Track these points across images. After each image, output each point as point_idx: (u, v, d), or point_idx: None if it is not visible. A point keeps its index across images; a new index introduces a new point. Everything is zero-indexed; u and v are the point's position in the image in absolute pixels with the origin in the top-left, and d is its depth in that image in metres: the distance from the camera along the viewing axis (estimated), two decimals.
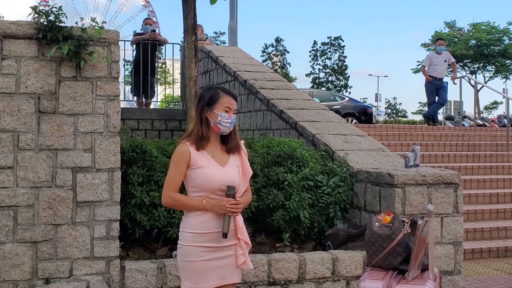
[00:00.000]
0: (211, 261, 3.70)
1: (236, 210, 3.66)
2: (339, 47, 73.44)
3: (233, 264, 3.79)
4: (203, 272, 3.69)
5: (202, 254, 3.69)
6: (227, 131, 3.81)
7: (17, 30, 5.13)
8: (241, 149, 3.92)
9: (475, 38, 45.84)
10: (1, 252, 5.03)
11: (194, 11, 7.65)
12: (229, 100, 3.83)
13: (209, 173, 3.71)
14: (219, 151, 3.84)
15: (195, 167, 3.73)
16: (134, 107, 13.44)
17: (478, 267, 7.53)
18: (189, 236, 3.72)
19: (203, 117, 3.81)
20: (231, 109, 3.82)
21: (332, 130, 7.93)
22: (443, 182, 6.03)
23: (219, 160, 3.79)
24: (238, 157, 3.89)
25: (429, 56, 15.46)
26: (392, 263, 3.80)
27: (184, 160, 3.74)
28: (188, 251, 3.72)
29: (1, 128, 5.04)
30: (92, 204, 5.26)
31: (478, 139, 13.07)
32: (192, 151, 3.75)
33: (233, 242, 3.78)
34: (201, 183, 3.72)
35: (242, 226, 3.81)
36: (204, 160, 3.74)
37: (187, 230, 3.75)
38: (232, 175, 3.76)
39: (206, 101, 3.82)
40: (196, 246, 3.70)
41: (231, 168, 3.80)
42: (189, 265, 3.72)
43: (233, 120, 3.81)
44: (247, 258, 3.83)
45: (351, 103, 22.24)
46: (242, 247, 3.80)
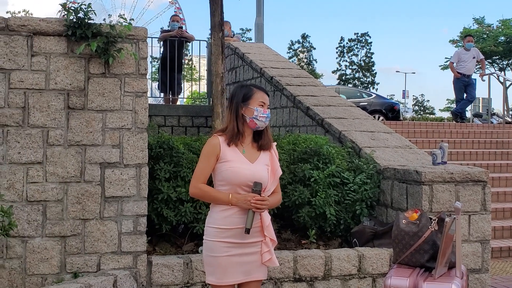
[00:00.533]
0: (235, 257, 3.71)
1: (261, 206, 3.66)
2: (366, 43, 72.94)
3: (258, 261, 3.79)
4: (227, 268, 3.70)
5: (226, 249, 3.70)
6: (263, 125, 3.82)
7: (47, 27, 5.20)
8: (272, 147, 3.91)
9: (504, 35, 45.29)
10: (30, 246, 5.11)
11: (221, 8, 7.67)
12: (262, 95, 3.85)
13: (237, 168, 3.72)
14: (250, 148, 3.85)
15: (223, 160, 3.75)
16: (160, 103, 13.52)
17: (506, 265, 7.44)
18: (213, 231, 3.75)
19: (239, 114, 3.82)
20: (265, 104, 3.83)
21: (359, 127, 7.90)
22: (471, 180, 5.98)
23: (249, 156, 3.81)
24: (268, 155, 3.89)
25: (457, 53, 15.29)
26: (419, 260, 3.78)
27: (214, 153, 3.77)
28: (212, 246, 3.74)
29: (31, 124, 5.11)
30: (120, 199, 5.32)
31: (506, 137, 12.90)
32: (223, 145, 3.77)
33: (258, 239, 3.78)
34: (228, 177, 3.73)
35: (268, 224, 3.80)
36: (233, 154, 3.76)
37: (211, 225, 3.78)
38: (260, 172, 3.76)
39: (241, 98, 3.84)
40: (220, 241, 3.72)
41: (260, 166, 3.80)
42: (213, 260, 3.74)
43: (268, 115, 3.82)
44: (273, 255, 3.82)
45: (378, 99, 22.08)
46: (268, 244, 3.79)
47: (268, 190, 3.82)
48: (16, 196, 5.07)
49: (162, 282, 5.32)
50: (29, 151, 5.09)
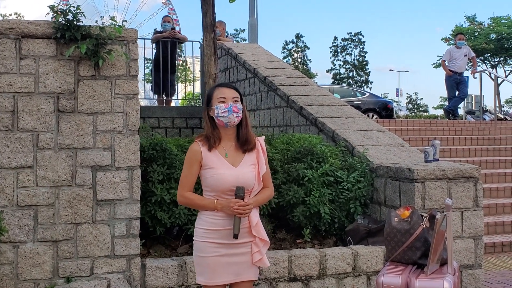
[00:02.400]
0: (224, 257, 3.72)
1: (243, 211, 3.64)
2: (359, 42, 73.10)
3: (249, 261, 3.78)
4: (216, 268, 3.71)
5: (214, 249, 3.71)
6: (229, 121, 3.73)
7: (36, 30, 5.17)
8: (257, 145, 3.86)
9: (496, 32, 45.46)
10: (22, 252, 5.08)
11: (213, 8, 7.67)
12: (221, 90, 3.79)
13: (220, 174, 3.70)
14: (233, 150, 3.81)
15: (206, 167, 3.75)
16: (155, 105, 13.50)
17: (499, 261, 7.46)
18: (202, 232, 3.76)
19: (207, 117, 3.82)
20: (227, 98, 3.74)
21: (352, 126, 7.90)
22: (463, 176, 5.98)
23: (232, 160, 3.77)
24: (255, 154, 3.84)
25: (449, 51, 15.35)
26: (411, 258, 3.78)
27: (196, 159, 3.77)
28: (201, 246, 3.76)
29: (21, 128, 5.09)
30: (112, 203, 5.30)
31: (498, 133, 12.93)
32: (204, 151, 3.76)
33: (248, 239, 3.77)
34: (212, 183, 3.73)
35: (257, 223, 3.78)
36: (215, 160, 3.74)
37: (200, 226, 3.79)
38: (244, 175, 3.73)
39: (206, 100, 3.86)
40: (208, 242, 3.73)
41: (244, 168, 3.76)
42: (202, 260, 3.75)
43: (229, 108, 3.71)
44: (264, 255, 3.81)
45: (371, 98, 22.14)
46: (258, 244, 3.78)
47: (255, 190, 3.81)
48: (6, 201, 5.04)
49: (156, 285, 5.30)
50: (19, 155, 5.07)
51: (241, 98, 3.83)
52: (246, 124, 3.83)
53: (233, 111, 3.72)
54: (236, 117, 3.73)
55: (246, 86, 10.97)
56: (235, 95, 3.79)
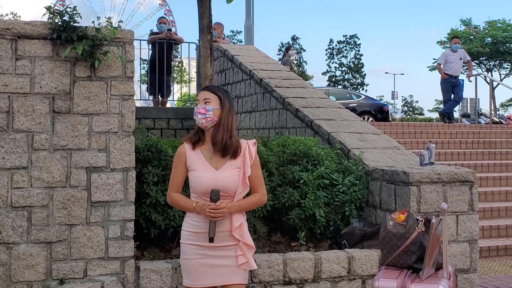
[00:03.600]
0: (207, 259, 3.74)
1: (214, 215, 3.63)
2: (355, 45, 73.29)
3: (234, 265, 3.78)
4: (199, 270, 3.74)
5: (196, 252, 3.75)
6: (198, 123, 3.78)
7: (32, 30, 5.15)
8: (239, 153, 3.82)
9: (491, 36, 45.62)
10: (15, 253, 5.05)
11: (209, 10, 7.67)
12: (199, 93, 3.89)
13: (200, 177, 3.74)
14: (217, 154, 3.82)
15: (190, 169, 3.81)
16: (151, 106, 13.49)
17: (495, 265, 7.47)
18: (185, 233, 3.82)
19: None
20: (199, 100, 3.82)
21: (348, 129, 7.90)
22: (458, 180, 5.99)
23: (216, 163, 3.78)
24: (241, 158, 3.82)
25: (444, 54, 15.38)
26: (406, 262, 3.78)
27: (181, 161, 3.83)
28: (184, 248, 3.81)
29: (16, 129, 5.06)
30: (107, 204, 5.28)
31: (494, 137, 12.97)
32: (188, 152, 3.81)
33: (231, 242, 3.78)
34: (193, 185, 3.79)
35: (238, 227, 3.77)
36: (198, 162, 3.78)
37: (184, 228, 3.85)
38: (224, 179, 3.73)
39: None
40: (190, 244, 3.78)
41: (227, 172, 3.76)
42: (186, 262, 3.80)
43: (199, 110, 3.76)
44: (250, 259, 3.81)
45: (367, 101, 22.19)
46: (242, 248, 3.78)
47: (239, 194, 3.79)
48: (0, 202, 5.01)
49: (150, 287, 5.27)
50: (13, 156, 5.04)
51: (222, 101, 3.82)
52: (220, 126, 3.79)
53: (198, 112, 3.77)
54: (203, 118, 3.76)
55: (242, 88, 10.97)
56: (205, 96, 3.81)
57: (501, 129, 14.36)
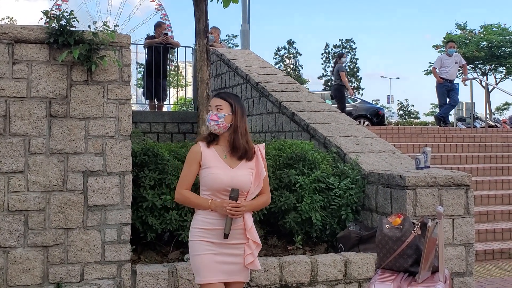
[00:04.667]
0: (217, 256, 3.80)
1: (236, 213, 3.75)
2: (350, 49, 73.47)
3: (241, 263, 3.87)
4: (210, 265, 3.78)
5: (207, 248, 3.80)
6: (211, 129, 3.91)
7: (28, 35, 5.16)
8: (254, 155, 3.97)
9: (486, 40, 45.71)
10: (12, 257, 5.05)
11: (205, 14, 7.68)
12: (211, 100, 4.00)
13: (216, 174, 3.82)
14: (230, 155, 3.93)
15: (205, 166, 3.87)
16: (147, 110, 13.50)
17: (490, 268, 7.48)
18: (196, 231, 3.85)
19: None
20: (211, 107, 3.93)
21: (344, 132, 7.91)
22: (454, 184, 6.01)
23: (230, 161, 3.89)
24: (253, 160, 3.96)
25: (440, 58, 15.42)
26: (402, 265, 3.79)
27: (196, 159, 3.90)
28: (195, 245, 3.85)
29: (12, 132, 5.07)
30: (103, 208, 5.28)
31: (489, 140, 13.00)
32: (204, 151, 3.90)
33: (241, 241, 3.87)
34: (208, 182, 3.85)
35: (251, 226, 3.89)
36: (214, 160, 3.86)
37: (194, 226, 3.89)
38: (239, 177, 3.84)
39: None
40: (202, 240, 3.82)
41: (241, 170, 3.88)
42: (197, 259, 3.84)
43: (208, 117, 3.90)
44: (255, 258, 3.90)
45: (363, 105, 22.22)
46: (251, 246, 3.87)
47: (251, 194, 3.91)
48: None
49: None
50: (10, 160, 5.04)
51: (233, 107, 3.93)
52: (237, 132, 3.92)
53: (210, 119, 3.89)
54: (215, 124, 3.89)
55: (239, 91, 10.98)
56: (217, 103, 3.94)
57: (497, 132, 14.40)
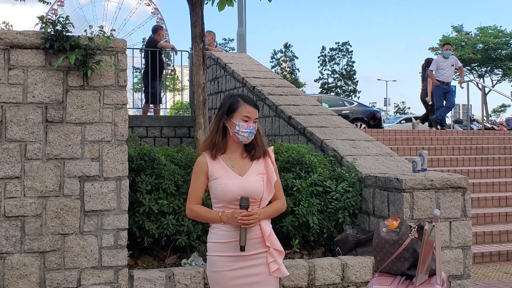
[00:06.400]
0: (238, 270, 3.62)
1: (248, 222, 3.54)
2: (347, 52, 73.49)
3: (265, 273, 3.67)
4: (229, 283, 3.61)
5: (227, 264, 3.62)
6: (246, 140, 3.71)
7: (24, 40, 5.15)
8: (266, 155, 3.80)
9: (482, 42, 45.86)
10: (8, 263, 5.03)
11: (201, 19, 7.70)
12: (248, 109, 3.71)
13: (225, 184, 3.63)
14: (240, 160, 3.75)
15: (212, 178, 3.69)
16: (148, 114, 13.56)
17: (488, 270, 7.48)
18: (214, 246, 3.68)
19: (220, 126, 3.74)
20: (251, 118, 3.69)
21: (341, 136, 7.92)
22: (451, 186, 6.01)
23: (239, 169, 3.71)
24: (263, 163, 3.77)
25: (436, 61, 15.44)
26: (399, 269, 3.79)
27: (202, 171, 3.71)
28: (213, 261, 3.67)
29: (9, 138, 5.06)
30: (100, 213, 5.27)
31: (486, 143, 13.01)
32: (210, 162, 3.71)
33: (261, 250, 3.67)
34: (218, 194, 3.67)
35: (270, 233, 3.70)
36: (221, 170, 3.68)
37: (211, 240, 3.71)
38: (250, 184, 3.66)
39: (226, 109, 3.74)
40: (221, 255, 3.64)
41: (251, 177, 3.69)
42: (215, 275, 3.66)
43: (251, 130, 3.68)
44: (281, 265, 3.71)
45: (360, 108, 22.24)
46: (272, 254, 3.68)
47: (265, 200, 3.73)
48: None
49: None
50: (6, 166, 5.03)
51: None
52: (260, 139, 3.79)
53: (253, 133, 3.71)
54: (252, 138, 3.71)
55: None
56: (257, 116, 3.75)
57: (494, 135, 14.40)
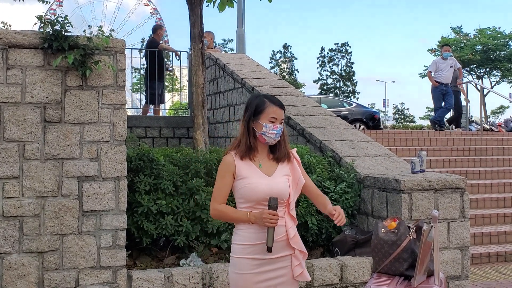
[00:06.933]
0: (263, 274, 3.57)
1: (272, 221, 3.45)
2: (346, 53, 73.48)
3: (288, 276, 3.63)
4: (253, 286, 3.57)
5: (252, 267, 3.57)
6: (273, 141, 3.66)
7: (23, 40, 5.15)
8: (291, 157, 3.76)
9: (481, 43, 45.92)
10: (7, 263, 5.03)
11: (201, 19, 7.70)
12: (275, 109, 3.66)
13: (254, 184, 3.58)
14: (266, 161, 3.70)
15: (240, 177, 3.63)
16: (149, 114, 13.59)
17: (486, 271, 7.48)
18: (238, 248, 3.63)
19: (250, 128, 3.68)
20: (277, 119, 3.65)
21: (339, 136, 7.92)
22: (449, 187, 6.01)
23: (266, 170, 3.66)
24: (288, 166, 3.73)
25: (435, 62, 15.45)
26: (398, 269, 3.79)
27: (229, 170, 3.65)
28: (238, 263, 3.62)
29: (7, 138, 5.05)
30: (99, 213, 5.27)
31: (485, 144, 13.01)
32: (237, 162, 3.65)
33: (286, 252, 3.63)
34: (246, 194, 3.61)
35: (294, 235, 3.65)
36: (249, 170, 3.63)
37: (236, 242, 3.65)
38: (278, 185, 3.61)
39: (253, 111, 3.69)
40: (245, 258, 3.59)
41: (278, 178, 3.65)
42: (239, 277, 3.61)
43: (278, 131, 3.63)
44: (304, 269, 3.67)
45: (358, 108, 22.22)
46: (298, 257, 3.64)
47: (292, 201, 3.68)
48: None
49: None
50: (5, 166, 5.03)
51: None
52: (284, 141, 3.74)
53: (280, 134, 3.68)
54: (278, 137, 3.67)
55: (234, 96, 10.98)
56: (283, 117, 3.71)
57: (492, 136, 14.41)
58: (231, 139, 10.83)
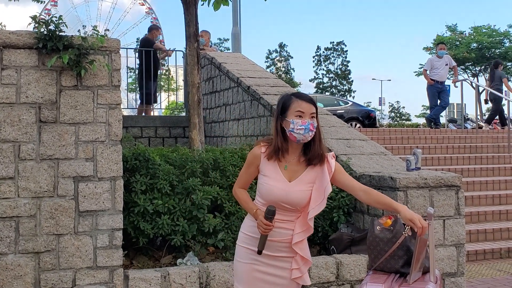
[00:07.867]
0: (260, 266, 3.60)
1: (263, 230, 3.47)
2: (342, 52, 73.60)
3: (288, 277, 3.64)
4: (250, 275, 3.61)
5: (251, 257, 3.61)
6: (303, 138, 3.51)
7: (17, 40, 5.14)
8: (325, 162, 3.63)
9: (476, 41, 46.06)
10: (3, 264, 5.02)
11: (196, 18, 7.69)
12: (299, 104, 3.53)
13: (270, 185, 3.55)
14: (295, 163, 3.61)
15: (262, 173, 3.62)
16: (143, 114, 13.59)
17: (482, 268, 7.51)
18: (243, 236, 3.69)
19: (278, 127, 3.58)
20: (305, 113, 3.50)
21: (335, 135, 7.93)
22: (444, 185, 6.03)
23: (289, 173, 3.58)
24: (318, 171, 3.61)
25: (430, 60, 15.49)
26: (393, 266, 3.79)
27: (254, 163, 3.65)
28: (239, 250, 3.69)
29: (2, 139, 5.05)
30: (95, 214, 5.26)
31: (480, 141, 13.05)
32: (263, 157, 3.61)
33: (288, 254, 3.63)
34: (262, 192, 3.60)
35: (301, 242, 3.64)
36: (271, 170, 3.59)
37: (243, 230, 3.72)
38: (295, 193, 3.55)
39: (280, 109, 3.60)
40: (246, 247, 3.64)
41: (299, 185, 3.56)
42: (239, 265, 3.67)
43: (307, 126, 3.48)
44: (304, 273, 3.68)
45: (354, 107, 22.29)
46: (298, 262, 3.64)
47: (311, 210, 3.60)
48: None
49: None
50: (0, 166, 5.02)
51: (316, 111, 3.59)
52: (319, 140, 3.62)
53: (310, 129, 3.51)
54: (310, 135, 3.53)
55: (230, 95, 10.98)
56: (312, 111, 3.54)
57: (487, 134, 14.45)
58: (227, 138, 10.84)
